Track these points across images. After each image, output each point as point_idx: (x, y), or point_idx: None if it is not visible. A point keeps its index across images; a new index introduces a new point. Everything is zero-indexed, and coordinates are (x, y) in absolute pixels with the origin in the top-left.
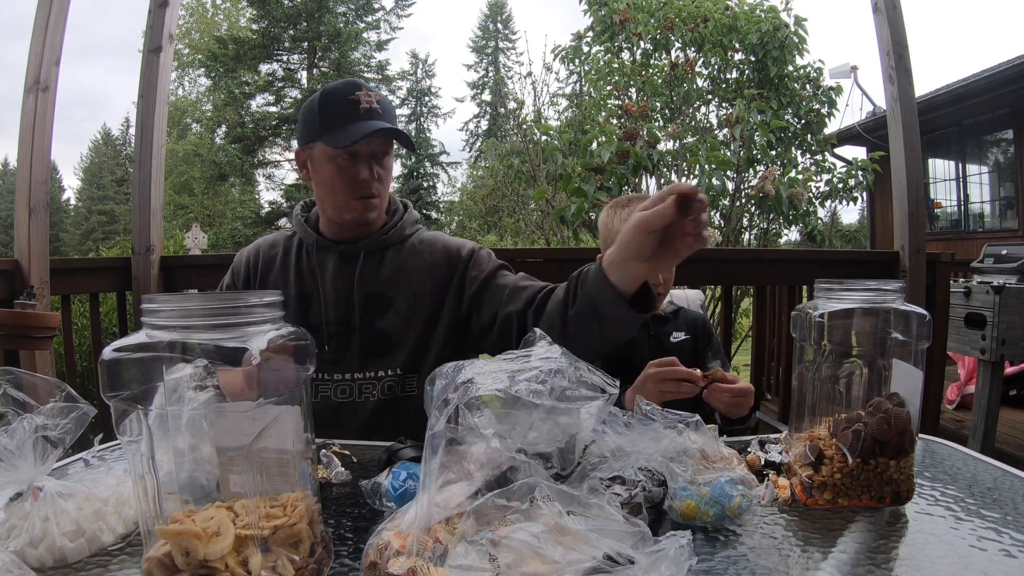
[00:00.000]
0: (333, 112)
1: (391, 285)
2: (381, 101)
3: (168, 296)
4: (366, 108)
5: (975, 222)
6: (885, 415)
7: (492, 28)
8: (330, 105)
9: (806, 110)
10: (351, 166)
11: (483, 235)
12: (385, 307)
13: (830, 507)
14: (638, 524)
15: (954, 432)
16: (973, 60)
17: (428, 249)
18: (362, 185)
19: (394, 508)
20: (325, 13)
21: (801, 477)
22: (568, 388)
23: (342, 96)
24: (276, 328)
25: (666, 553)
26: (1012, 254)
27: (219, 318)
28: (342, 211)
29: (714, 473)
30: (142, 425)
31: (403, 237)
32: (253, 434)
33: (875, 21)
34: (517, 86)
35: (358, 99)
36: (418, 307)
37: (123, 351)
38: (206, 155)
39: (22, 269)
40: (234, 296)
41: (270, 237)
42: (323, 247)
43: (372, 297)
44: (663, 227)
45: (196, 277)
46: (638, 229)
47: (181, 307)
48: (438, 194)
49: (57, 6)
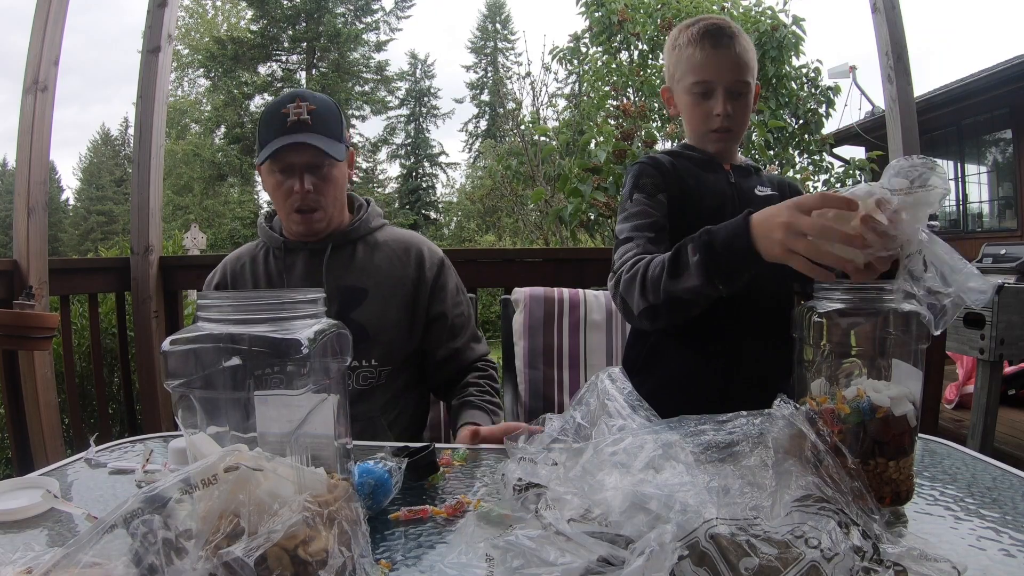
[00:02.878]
0: (265, 127)
1: (363, 276)
2: (316, 111)
3: (220, 292)
4: (293, 121)
5: (974, 222)
6: (885, 416)
7: (491, 28)
8: (264, 120)
9: (804, 110)
10: (284, 179)
11: (482, 235)
12: (359, 298)
13: None
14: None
15: (953, 432)
16: (973, 60)
17: (402, 245)
18: (296, 197)
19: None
20: (324, 13)
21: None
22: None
23: (275, 110)
24: (319, 321)
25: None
26: (1011, 254)
27: (268, 312)
28: (288, 223)
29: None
30: (197, 412)
31: (369, 230)
32: (297, 421)
33: (874, 21)
34: (516, 86)
35: (287, 112)
36: (392, 299)
37: (178, 344)
38: (205, 155)
39: (21, 269)
40: (282, 292)
41: (234, 253)
42: (291, 248)
43: (344, 289)
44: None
45: (195, 277)
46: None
47: (233, 303)
48: (437, 194)
49: (56, 5)
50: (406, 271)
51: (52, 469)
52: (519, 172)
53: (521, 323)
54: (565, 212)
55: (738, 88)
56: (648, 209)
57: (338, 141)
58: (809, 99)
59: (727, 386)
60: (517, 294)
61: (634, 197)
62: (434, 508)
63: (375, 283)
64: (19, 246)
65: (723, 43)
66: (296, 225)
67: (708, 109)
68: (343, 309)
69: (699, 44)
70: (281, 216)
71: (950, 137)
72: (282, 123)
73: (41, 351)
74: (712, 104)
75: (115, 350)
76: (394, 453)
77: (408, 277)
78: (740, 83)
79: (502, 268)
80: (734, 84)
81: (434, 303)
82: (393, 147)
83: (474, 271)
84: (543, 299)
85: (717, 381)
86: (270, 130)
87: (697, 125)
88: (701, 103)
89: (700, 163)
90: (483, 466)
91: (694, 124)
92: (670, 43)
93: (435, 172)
